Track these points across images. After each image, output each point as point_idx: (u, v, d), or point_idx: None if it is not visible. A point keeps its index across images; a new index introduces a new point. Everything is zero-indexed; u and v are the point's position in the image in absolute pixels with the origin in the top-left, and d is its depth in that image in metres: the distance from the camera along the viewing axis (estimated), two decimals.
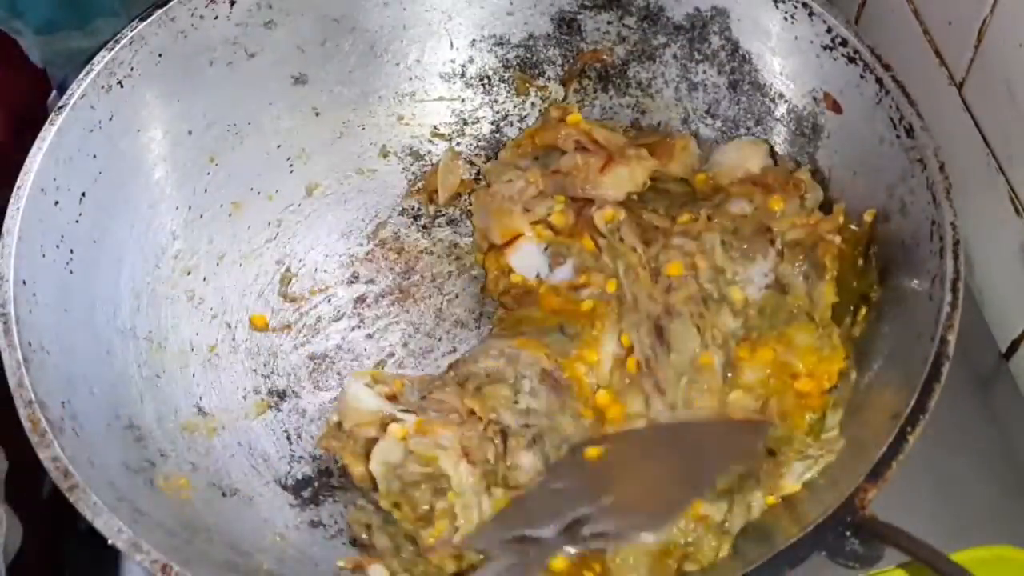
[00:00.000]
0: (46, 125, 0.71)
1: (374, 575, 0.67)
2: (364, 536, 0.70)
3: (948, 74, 0.80)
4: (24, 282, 0.67)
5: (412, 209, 0.86)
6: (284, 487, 0.73)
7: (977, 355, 0.80)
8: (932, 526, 0.71)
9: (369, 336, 0.80)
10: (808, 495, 0.65)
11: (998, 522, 0.72)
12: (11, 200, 0.69)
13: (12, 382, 0.63)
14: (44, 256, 0.69)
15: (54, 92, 0.97)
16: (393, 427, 0.69)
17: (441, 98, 0.88)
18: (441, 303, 0.82)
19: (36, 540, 0.82)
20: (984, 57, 0.76)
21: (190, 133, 0.79)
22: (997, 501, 0.74)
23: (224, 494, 0.71)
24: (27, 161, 0.70)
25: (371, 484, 0.69)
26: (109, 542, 0.58)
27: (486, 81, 0.87)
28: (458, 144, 0.87)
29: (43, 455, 0.61)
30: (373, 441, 0.69)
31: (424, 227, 0.85)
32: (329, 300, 0.82)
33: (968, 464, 0.75)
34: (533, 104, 0.87)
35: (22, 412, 0.62)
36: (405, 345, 0.80)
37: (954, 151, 0.73)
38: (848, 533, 0.57)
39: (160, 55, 0.77)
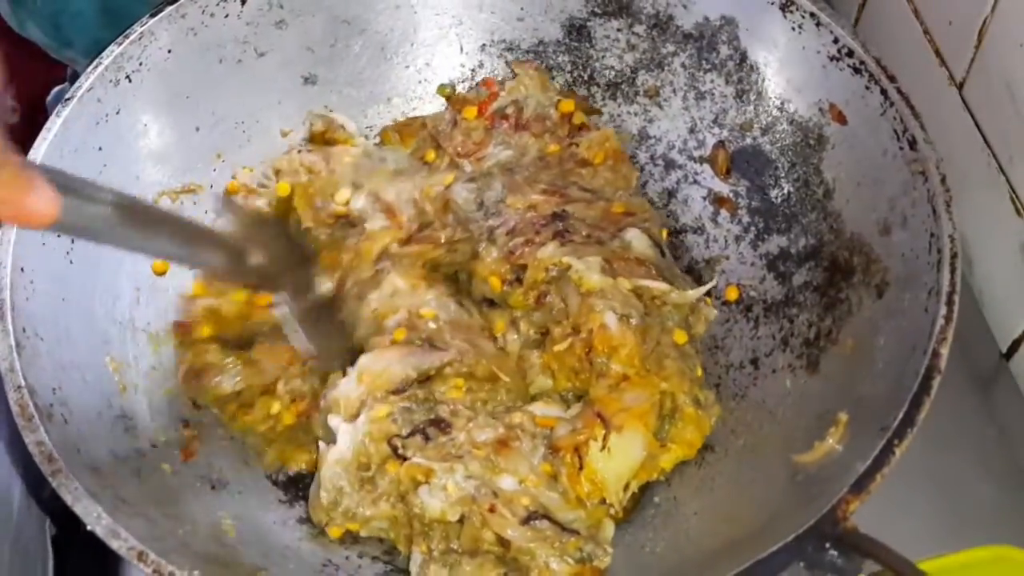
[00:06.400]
0: (52, 116, 0.72)
1: None
2: None
3: (948, 74, 0.80)
4: (22, 269, 0.68)
5: None
6: (274, 483, 0.73)
7: (977, 355, 0.79)
8: (932, 526, 0.70)
9: None
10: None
11: (998, 522, 0.72)
12: None
13: (3, 367, 0.64)
14: (44, 245, 0.70)
15: (58, 87, 0.98)
16: None
17: None
18: None
19: None
20: (984, 57, 0.75)
21: (197, 129, 0.80)
22: (997, 501, 0.74)
23: (213, 487, 0.71)
24: (32, 151, 0.71)
25: None
26: (88, 527, 0.58)
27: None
28: None
29: (28, 439, 0.61)
30: None
31: None
32: None
33: (968, 464, 0.75)
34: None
35: (11, 396, 0.63)
36: None
37: (954, 151, 0.72)
38: (827, 545, 0.56)
39: (169, 51, 0.77)
